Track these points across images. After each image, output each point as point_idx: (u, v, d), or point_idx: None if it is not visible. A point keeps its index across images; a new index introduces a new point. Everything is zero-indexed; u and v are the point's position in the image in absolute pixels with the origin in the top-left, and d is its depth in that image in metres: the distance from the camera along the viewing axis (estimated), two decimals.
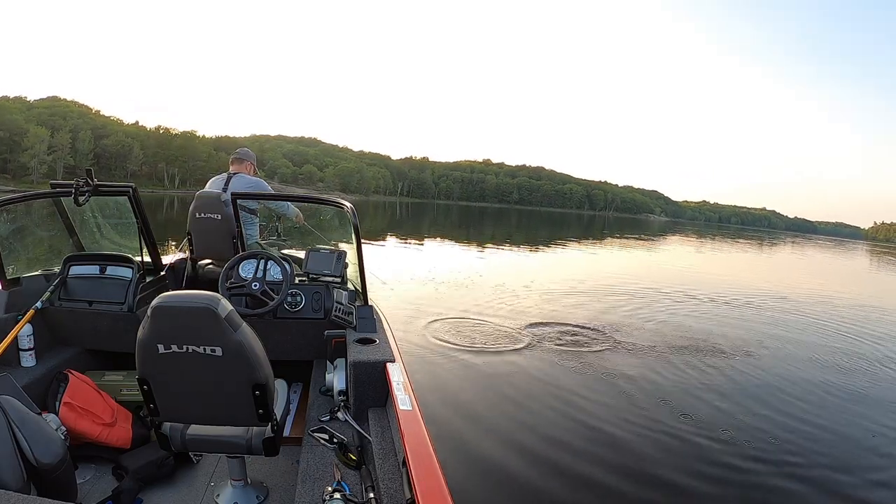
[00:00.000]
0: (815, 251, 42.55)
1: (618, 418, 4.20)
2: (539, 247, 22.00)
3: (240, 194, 3.02)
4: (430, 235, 23.29)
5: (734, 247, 36.77)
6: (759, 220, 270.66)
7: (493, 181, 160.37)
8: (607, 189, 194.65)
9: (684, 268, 18.12)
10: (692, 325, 7.92)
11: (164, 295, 1.50)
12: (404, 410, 1.67)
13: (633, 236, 37.95)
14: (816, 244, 64.72)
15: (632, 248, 25.63)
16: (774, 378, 5.61)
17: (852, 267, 29.32)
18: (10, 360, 2.36)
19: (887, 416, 4.83)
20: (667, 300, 10.00)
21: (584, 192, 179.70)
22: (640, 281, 12.34)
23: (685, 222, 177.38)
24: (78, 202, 2.35)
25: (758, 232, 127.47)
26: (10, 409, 1.66)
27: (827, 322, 9.34)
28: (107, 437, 2.25)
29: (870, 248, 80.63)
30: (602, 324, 7.37)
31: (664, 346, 6.51)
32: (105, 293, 2.67)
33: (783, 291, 12.77)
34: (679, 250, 28.75)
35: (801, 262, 28.76)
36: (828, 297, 12.84)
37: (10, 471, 1.52)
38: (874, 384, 5.79)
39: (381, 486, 1.57)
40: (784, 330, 8.23)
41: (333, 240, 3.50)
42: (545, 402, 4.39)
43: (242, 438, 1.78)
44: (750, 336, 7.48)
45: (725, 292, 11.58)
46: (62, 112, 65.80)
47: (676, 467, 3.50)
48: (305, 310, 2.71)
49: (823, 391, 5.33)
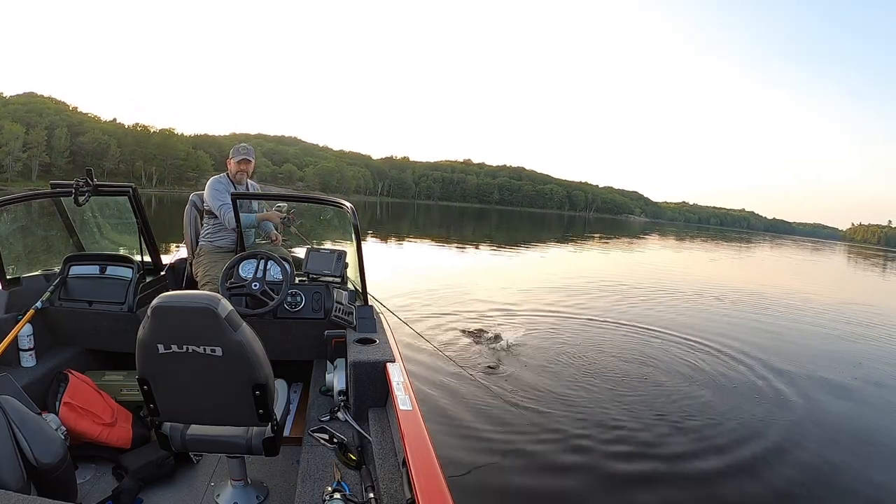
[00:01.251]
0: (791, 252, 42.35)
1: (617, 414, 4.20)
2: (519, 247, 21.98)
3: (239, 194, 3.02)
4: (410, 236, 23.12)
5: (717, 248, 36.75)
6: (738, 221, 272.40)
7: (473, 181, 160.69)
8: (588, 190, 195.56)
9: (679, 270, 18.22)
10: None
11: (164, 295, 1.50)
12: (404, 410, 1.66)
13: (612, 237, 38.24)
14: (795, 245, 65.26)
15: (614, 250, 25.63)
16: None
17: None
18: (10, 360, 2.36)
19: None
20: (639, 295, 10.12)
21: (564, 193, 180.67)
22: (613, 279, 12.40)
23: (665, 223, 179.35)
24: (78, 202, 2.35)
25: (739, 233, 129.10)
26: (10, 409, 1.66)
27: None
28: (107, 438, 2.25)
29: (847, 248, 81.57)
30: (596, 324, 7.41)
31: (625, 338, 6.62)
32: (105, 293, 2.68)
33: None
34: (673, 253, 28.79)
35: (776, 263, 28.85)
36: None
37: (10, 471, 1.52)
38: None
39: (381, 486, 1.57)
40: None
41: (330, 239, 3.51)
42: (544, 402, 4.39)
43: (242, 438, 1.78)
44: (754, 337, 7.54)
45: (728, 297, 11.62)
46: (38, 108, 64.37)
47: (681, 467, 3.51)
48: (305, 310, 2.71)
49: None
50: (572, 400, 4.49)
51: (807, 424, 4.48)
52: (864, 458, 3.99)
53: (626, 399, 4.61)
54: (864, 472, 3.75)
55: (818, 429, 4.42)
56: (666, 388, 4.99)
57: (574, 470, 3.38)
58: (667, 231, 72.93)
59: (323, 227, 3.80)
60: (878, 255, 66.96)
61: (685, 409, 4.47)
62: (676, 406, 4.55)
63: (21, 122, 57.79)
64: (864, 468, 3.82)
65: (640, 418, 4.21)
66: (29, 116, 60.96)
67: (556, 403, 4.38)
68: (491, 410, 4.16)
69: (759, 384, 5.38)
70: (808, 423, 4.52)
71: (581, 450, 3.63)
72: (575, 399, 4.51)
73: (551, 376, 5.05)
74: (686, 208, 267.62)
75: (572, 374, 5.18)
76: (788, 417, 4.58)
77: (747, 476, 3.50)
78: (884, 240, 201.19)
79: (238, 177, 3.18)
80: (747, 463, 3.66)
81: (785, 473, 3.61)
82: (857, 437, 4.37)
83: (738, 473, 3.52)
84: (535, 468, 3.37)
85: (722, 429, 4.16)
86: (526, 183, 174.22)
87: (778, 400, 4.99)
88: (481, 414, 4.08)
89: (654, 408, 4.45)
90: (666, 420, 4.23)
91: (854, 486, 3.56)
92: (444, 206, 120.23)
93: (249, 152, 3.19)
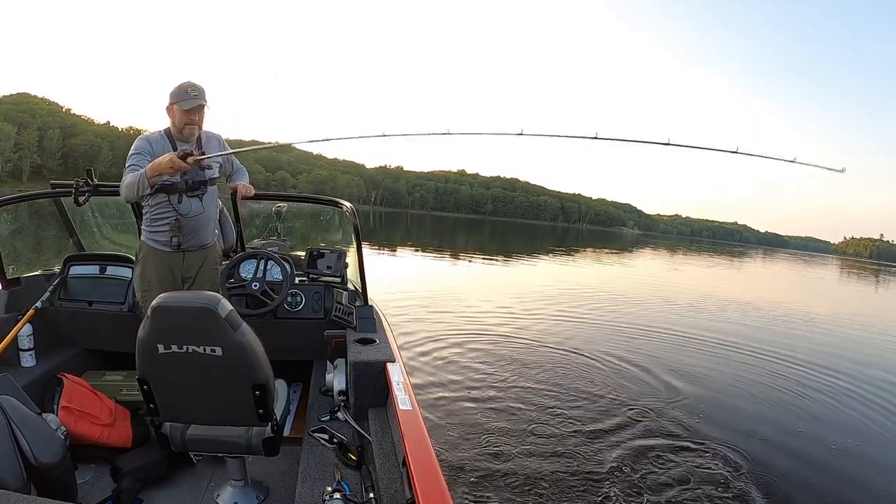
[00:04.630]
0: (784, 267, 41.94)
1: (621, 414, 4.21)
2: (511, 258, 21.86)
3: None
4: (404, 245, 22.99)
5: (726, 265, 36.46)
6: (730, 234, 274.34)
7: (467, 192, 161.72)
8: (581, 201, 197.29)
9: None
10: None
11: (164, 295, 1.50)
12: (404, 410, 1.66)
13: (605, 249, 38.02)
14: (789, 259, 65.21)
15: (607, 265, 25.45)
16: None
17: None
18: (10, 360, 2.36)
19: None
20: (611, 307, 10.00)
21: (558, 205, 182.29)
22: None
23: (658, 235, 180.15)
24: (78, 202, 2.34)
25: (732, 246, 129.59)
26: (10, 409, 1.66)
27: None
28: (107, 438, 2.24)
29: (841, 262, 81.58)
30: (596, 328, 7.41)
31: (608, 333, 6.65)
32: (105, 293, 2.68)
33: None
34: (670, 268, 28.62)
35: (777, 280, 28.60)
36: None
37: (9, 471, 1.51)
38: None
39: (381, 486, 1.57)
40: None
41: (328, 240, 3.50)
42: (543, 403, 4.39)
43: (242, 438, 1.78)
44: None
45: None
46: (30, 109, 64.11)
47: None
48: (305, 310, 2.71)
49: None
50: (573, 400, 4.49)
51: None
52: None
53: (632, 400, 4.61)
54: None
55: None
56: (680, 391, 5.00)
57: (574, 470, 3.38)
58: (660, 244, 72.89)
59: (322, 228, 3.79)
60: (881, 269, 66.60)
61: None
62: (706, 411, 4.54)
63: (13, 123, 57.33)
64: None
65: (650, 420, 4.21)
66: (21, 117, 60.54)
67: (557, 404, 4.38)
68: (490, 411, 4.16)
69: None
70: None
71: (581, 450, 3.63)
72: (575, 399, 4.51)
73: (551, 376, 5.05)
74: (679, 221, 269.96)
75: (573, 374, 5.18)
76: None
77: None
78: (875, 253, 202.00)
79: (186, 132, 2.21)
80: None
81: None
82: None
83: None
84: (535, 468, 3.37)
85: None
86: (519, 194, 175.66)
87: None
88: (481, 414, 4.08)
89: (664, 414, 4.44)
90: (680, 418, 4.24)
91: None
92: (438, 216, 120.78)
93: (202, 94, 2.19)
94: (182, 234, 2.27)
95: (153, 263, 2.31)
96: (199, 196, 2.30)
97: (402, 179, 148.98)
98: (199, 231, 2.34)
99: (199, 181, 2.28)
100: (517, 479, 3.22)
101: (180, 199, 2.25)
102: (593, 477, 3.30)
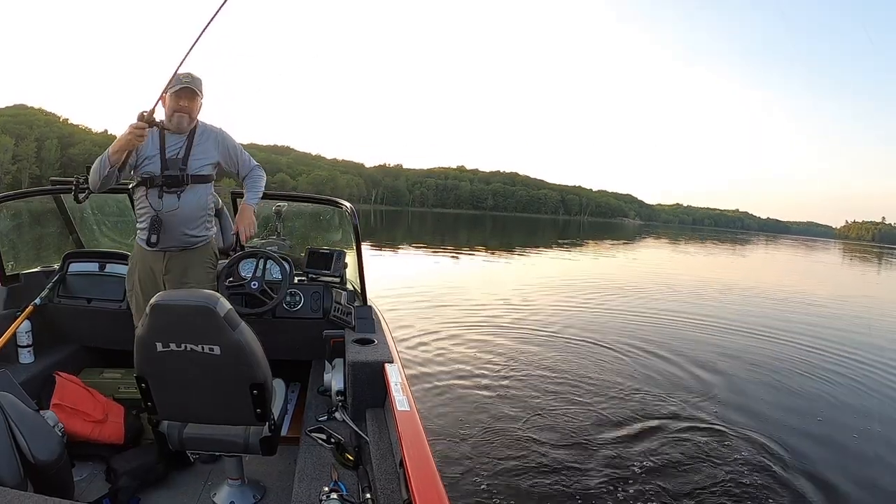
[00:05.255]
0: (789, 253, 42.12)
1: (621, 415, 4.19)
2: (514, 253, 21.82)
3: (239, 193, 2.96)
4: (404, 243, 22.89)
5: (732, 252, 36.71)
6: (732, 221, 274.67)
7: (467, 188, 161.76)
8: (582, 193, 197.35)
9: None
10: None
11: (162, 293, 1.50)
12: (402, 411, 1.66)
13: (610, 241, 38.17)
14: (792, 244, 65.71)
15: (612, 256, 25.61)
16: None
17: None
18: (9, 357, 2.36)
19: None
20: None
21: (558, 197, 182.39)
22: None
23: (659, 225, 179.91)
24: (78, 199, 2.33)
25: (734, 233, 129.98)
26: (8, 406, 1.66)
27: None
28: (99, 435, 2.23)
29: (844, 246, 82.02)
30: (597, 326, 7.41)
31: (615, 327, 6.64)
32: (104, 290, 2.68)
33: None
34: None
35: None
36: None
37: (7, 467, 1.51)
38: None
39: (378, 487, 1.57)
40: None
41: (328, 240, 3.50)
42: (543, 403, 4.39)
43: (240, 437, 1.78)
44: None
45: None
46: (28, 120, 64.01)
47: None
48: (304, 309, 2.71)
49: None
50: (572, 401, 4.48)
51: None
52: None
53: (636, 401, 4.57)
54: None
55: None
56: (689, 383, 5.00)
57: (573, 471, 3.37)
58: (662, 233, 73.26)
59: (322, 228, 3.79)
60: (884, 252, 66.92)
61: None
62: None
63: (10, 134, 57.13)
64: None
65: (658, 420, 4.19)
66: (19, 128, 60.39)
67: (556, 404, 4.37)
68: (489, 412, 4.15)
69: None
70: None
71: (581, 450, 3.62)
72: (576, 400, 4.50)
73: (550, 377, 5.04)
74: (680, 210, 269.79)
75: (573, 374, 5.15)
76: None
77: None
78: (878, 236, 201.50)
79: (175, 119, 2.08)
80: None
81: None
82: None
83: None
84: (534, 469, 3.36)
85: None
86: (520, 188, 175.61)
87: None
88: (479, 415, 4.07)
89: (672, 411, 4.42)
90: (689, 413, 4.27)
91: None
92: (439, 212, 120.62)
93: (195, 82, 2.08)
94: (160, 232, 2.12)
95: (137, 262, 2.26)
96: (176, 193, 2.13)
97: (401, 177, 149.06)
98: (175, 230, 2.16)
99: (174, 175, 2.11)
100: (517, 479, 3.22)
101: (160, 195, 2.11)
102: (597, 476, 3.30)
